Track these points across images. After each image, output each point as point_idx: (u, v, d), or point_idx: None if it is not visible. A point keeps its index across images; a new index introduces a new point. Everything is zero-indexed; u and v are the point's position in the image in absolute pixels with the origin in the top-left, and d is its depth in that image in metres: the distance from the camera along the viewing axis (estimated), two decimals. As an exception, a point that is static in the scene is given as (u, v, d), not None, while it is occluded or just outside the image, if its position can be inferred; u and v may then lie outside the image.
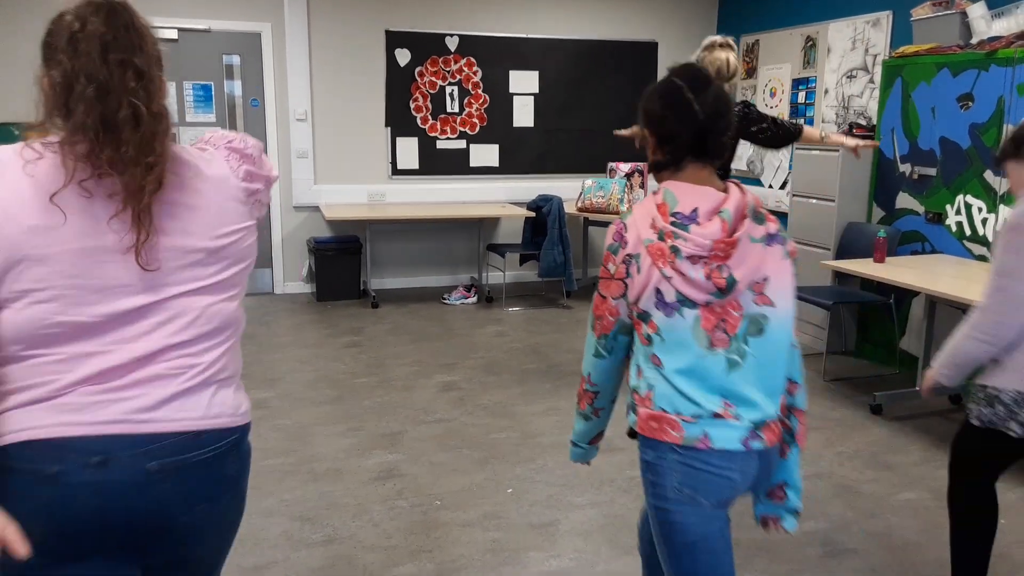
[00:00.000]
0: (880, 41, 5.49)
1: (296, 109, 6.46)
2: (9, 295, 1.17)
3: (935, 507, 3.13)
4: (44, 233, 1.17)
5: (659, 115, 1.65)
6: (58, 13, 1.24)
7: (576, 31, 7.05)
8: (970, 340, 2.16)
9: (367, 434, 3.76)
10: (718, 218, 1.53)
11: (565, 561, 2.71)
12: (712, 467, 1.56)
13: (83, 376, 1.19)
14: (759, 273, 1.59)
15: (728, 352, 1.57)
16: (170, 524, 1.26)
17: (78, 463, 1.17)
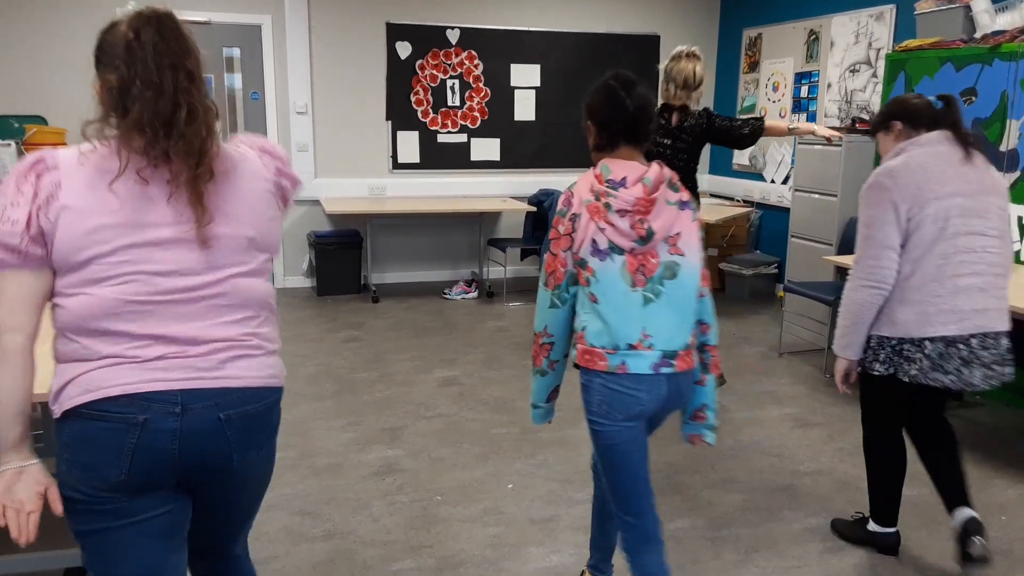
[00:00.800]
0: (883, 35, 5.47)
1: (296, 102, 6.44)
2: (89, 279, 1.39)
3: (935, 503, 3.12)
4: (111, 226, 1.38)
5: (598, 108, 2.02)
6: (110, 24, 1.42)
7: (578, 24, 7.03)
8: (857, 290, 2.43)
9: (367, 429, 3.76)
10: (641, 183, 1.95)
11: (565, 556, 2.71)
12: (624, 388, 1.95)
13: (160, 342, 1.42)
14: (673, 228, 1.98)
15: (645, 291, 1.94)
16: (227, 466, 1.50)
17: (162, 412, 1.41)
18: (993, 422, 3.99)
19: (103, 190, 1.38)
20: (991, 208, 2.41)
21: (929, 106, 2.51)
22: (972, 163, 2.43)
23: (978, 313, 2.38)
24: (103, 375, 1.40)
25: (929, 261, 2.37)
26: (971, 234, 2.38)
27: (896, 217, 2.37)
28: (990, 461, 3.52)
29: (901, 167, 2.40)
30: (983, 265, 2.38)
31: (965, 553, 2.52)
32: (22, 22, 5.80)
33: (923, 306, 2.38)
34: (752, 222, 6.85)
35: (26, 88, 5.87)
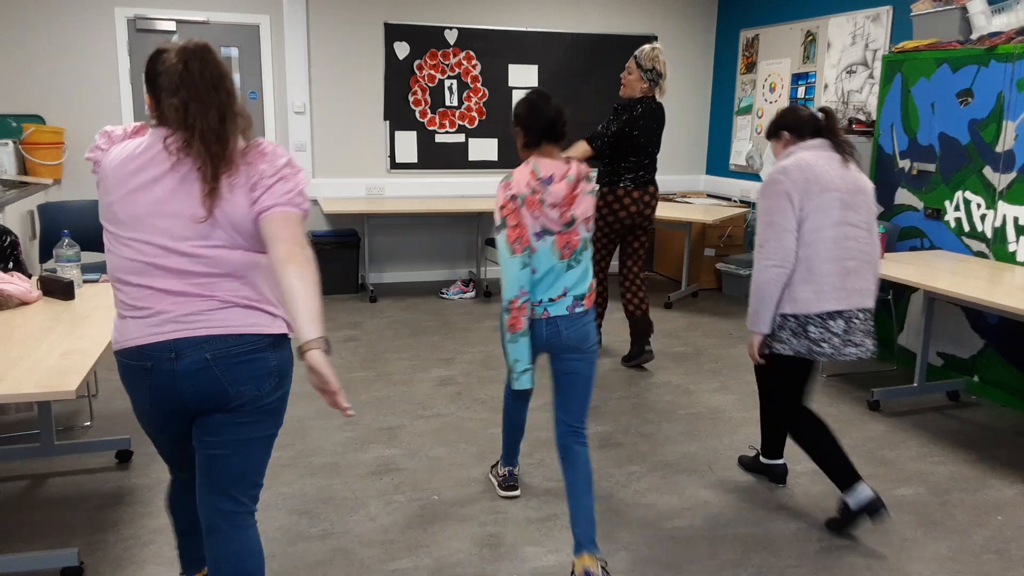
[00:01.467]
0: (880, 36, 5.48)
1: (294, 102, 6.44)
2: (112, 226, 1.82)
3: (932, 502, 3.13)
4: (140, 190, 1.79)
5: (524, 116, 2.60)
6: (157, 51, 1.83)
7: (575, 25, 7.03)
8: (763, 271, 2.80)
9: (365, 428, 3.76)
10: (565, 180, 2.48)
11: (563, 556, 2.71)
12: (546, 325, 2.56)
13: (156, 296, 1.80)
14: (588, 213, 2.55)
15: (569, 261, 2.55)
16: (226, 397, 1.85)
17: (161, 359, 1.82)
18: (989, 422, 4.01)
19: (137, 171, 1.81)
20: (862, 205, 2.82)
21: (813, 117, 2.91)
22: (847, 167, 2.83)
23: (859, 292, 2.78)
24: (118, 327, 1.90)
25: (819, 246, 2.74)
26: (849, 225, 2.77)
27: (791, 205, 2.74)
28: (986, 461, 3.53)
29: (792, 166, 2.78)
30: (857, 251, 2.79)
31: (851, 522, 2.86)
32: (20, 22, 5.79)
33: (818, 285, 2.74)
34: (749, 222, 6.86)
35: (24, 87, 5.86)
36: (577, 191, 2.50)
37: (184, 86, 1.75)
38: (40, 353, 2.38)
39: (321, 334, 1.73)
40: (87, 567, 2.58)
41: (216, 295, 1.82)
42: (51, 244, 4.75)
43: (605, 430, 3.79)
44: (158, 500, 3.03)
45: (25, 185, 5.38)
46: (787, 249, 2.75)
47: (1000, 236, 4.19)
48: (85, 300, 3.05)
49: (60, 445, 3.36)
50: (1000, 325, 4.21)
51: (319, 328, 1.73)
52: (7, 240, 3.62)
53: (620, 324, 5.66)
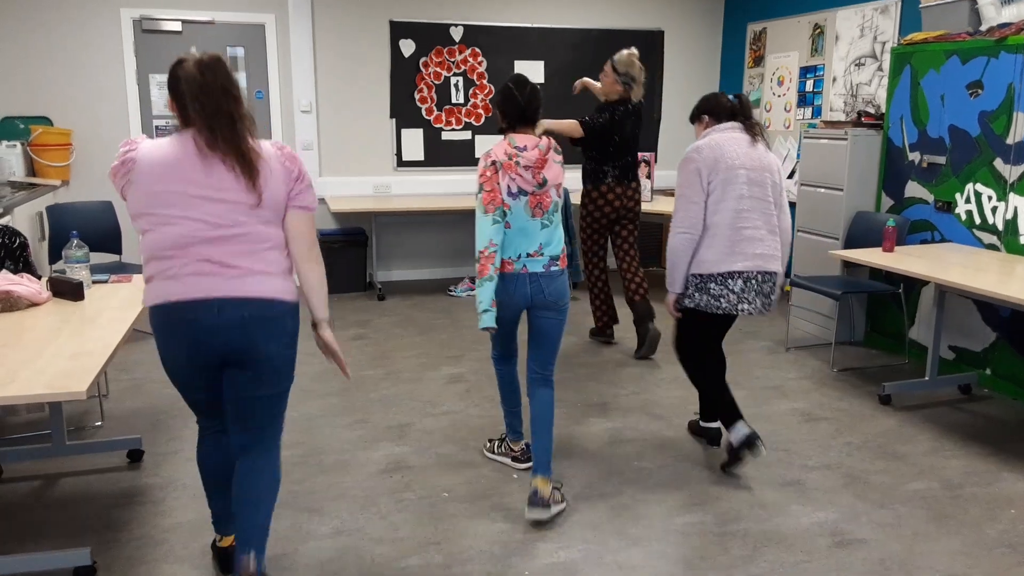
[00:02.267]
0: (889, 28, 5.45)
1: (301, 101, 6.44)
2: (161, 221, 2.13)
3: (944, 497, 3.12)
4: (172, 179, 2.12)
5: (503, 102, 2.99)
6: (179, 60, 2.16)
7: (582, 20, 7.01)
8: (674, 237, 3.17)
9: (374, 426, 3.76)
10: (537, 149, 2.90)
11: (573, 552, 2.71)
12: (530, 282, 2.94)
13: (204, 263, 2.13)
14: (558, 179, 2.97)
15: (542, 220, 2.93)
16: (254, 351, 2.20)
17: (206, 313, 2.13)
18: (1001, 415, 3.98)
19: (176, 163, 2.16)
20: (767, 181, 3.16)
21: (729, 102, 3.26)
22: (756, 146, 3.19)
23: (758, 256, 3.13)
24: (163, 284, 2.17)
25: (723, 216, 3.11)
26: (752, 198, 3.12)
27: (700, 180, 3.13)
28: (998, 454, 3.51)
29: (704, 145, 3.17)
30: (761, 222, 3.14)
31: (735, 459, 3.25)
32: (27, 24, 5.81)
33: (720, 249, 3.11)
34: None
35: (32, 89, 5.89)
36: (547, 157, 2.93)
37: (202, 93, 2.12)
38: (50, 354, 2.39)
39: (328, 316, 2.39)
40: (99, 566, 2.59)
41: (256, 266, 2.18)
42: (60, 245, 4.76)
43: (615, 426, 3.78)
44: (170, 499, 3.04)
45: (33, 187, 5.40)
46: (694, 218, 3.13)
47: (1011, 228, 4.16)
48: (95, 301, 3.06)
49: (71, 445, 3.37)
50: (1012, 318, 4.18)
51: (327, 311, 2.38)
52: (16, 241, 3.64)
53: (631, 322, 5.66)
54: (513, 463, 3.34)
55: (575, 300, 6.21)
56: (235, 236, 2.16)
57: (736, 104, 3.25)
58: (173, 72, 2.18)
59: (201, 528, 2.83)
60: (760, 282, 3.15)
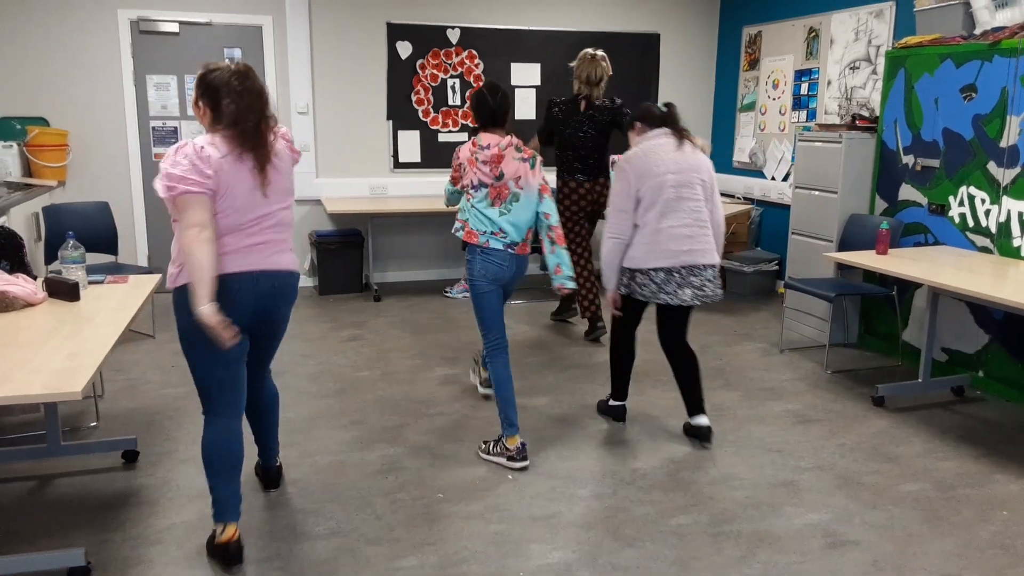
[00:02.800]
0: (883, 32, 5.47)
1: (298, 102, 6.45)
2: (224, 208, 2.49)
3: (937, 498, 3.13)
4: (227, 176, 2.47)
5: (475, 106, 3.44)
6: (211, 68, 2.50)
7: (578, 23, 7.03)
8: (607, 242, 3.49)
9: (369, 427, 3.77)
10: (497, 147, 3.33)
11: (568, 553, 2.72)
12: (491, 260, 3.34)
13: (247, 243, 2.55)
14: (516, 173, 3.34)
15: (500, 208, 3.33)
16: (276, 312, 2.71)
17: (248, 282, 2.56)
18: (995, 417, 4.00)
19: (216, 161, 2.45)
20: (695, 180, 3.45)
21: (658, 111, 3.56)
22: (683, 150, 3.47)
23: (685, 252, 3.40)
24: (224, 260, 2.53)
25: (651, 217, 3.41)
26: (680, 199, 3.41)
27: (629, 189, 3.42)
28: (991, 456, 3.52)
29: (634, 155, 3.48)
30: (690, 220, 3.42)
31: (602, 412, 3.93)
32: (24, 24, 5.81)
33: (648, 247, 3.41)
34: (752, 219, 6.85)
35: (28, 90, 5.89)
36: (504, 154, 3.33)
37: (237, 96, 2.47)
38: (46, 354, 2.39)
39: None
40: (94, 567, 2.59)
41: (280, 244, 2.66)
42: (56, 246, 4.76)
43: (609, 427, 3.80)
44: (164, 500, 3.05)
45: (30, 187, 5.40)
46: (623, 225, 3.45)
47: (1004, 231, 4.18)
48: (90, 301, 3.06)
49: (66, 446, 3.37)
50: (1005, 320, 4.20)
51: None
52: (12, 242, 3.64)
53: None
54: (508, 463, 3.37)
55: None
56: (271, 219, 2.60)
57: (666, 112, 3.56)
58: (204, 79, 2.50)
59: (196, 528, 2.84)
60: (685, 275, 3.42)
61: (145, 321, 5.37)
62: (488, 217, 3.33)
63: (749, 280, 6.49)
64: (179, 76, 6.21)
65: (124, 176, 6.21)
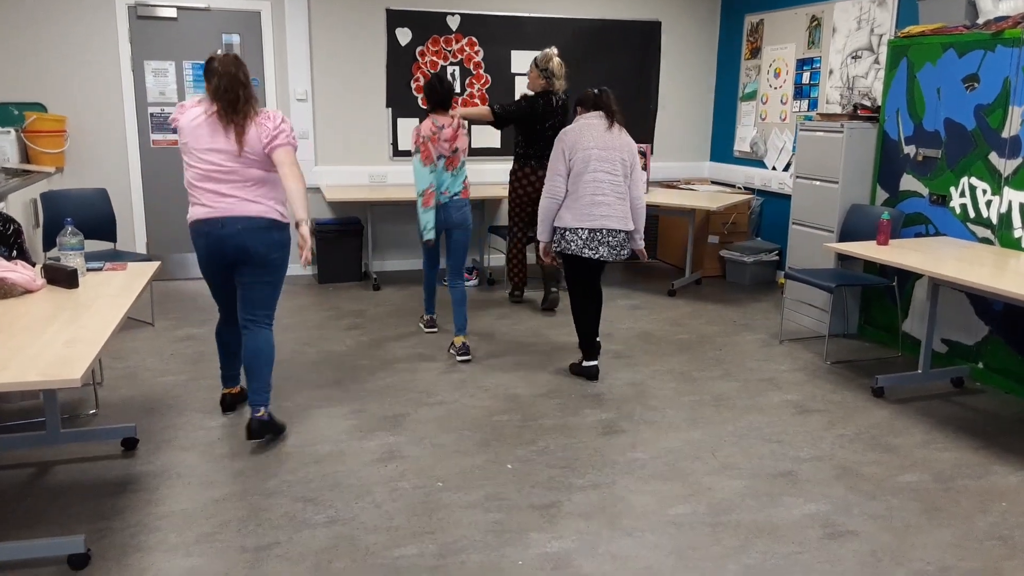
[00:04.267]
0: (886, 21, 5.44)
1: (296, 89, 6.42)
2: (186, 156, 3.26)
3: (936, 489, 3.14)
4: (199, 136, 3.19)
5: (428, 91, 4.49)
6: (211, 57, 3.27)
7: (579, 10, 6.99)
8: (543, 200, 4.15)
9: (369, 416, 3.77)
10: (450, 128, 4.38)
11: (567, 542, 2.72)
12: (444, 209, 4.46)
13: (215, 193, 3.22)
14: (464, 147, 4.47)
15: (450, 173, 4.45)
16: (250, 252, 3.26)
17: (214, 227, 3.22)
18: (993, 409, 4.00)
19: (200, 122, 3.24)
20: (617, 158, 4.07)
21: (593, 97, 4.17)
22: (611, 132, 4.10)
23: (604, 217, 4.04)
24: (193, 209, 3.29)
25: (578, 186, 4.05)
26: (602, 171, 4.03)
27: (563, 157, 4.07)
28: (990, 447, 3.53)
29: (570, 130, 4.14)
30: (609, 190, 4.06)
31: (575, 372, 4.37)
32: (22, 10, 5.77)
33: (575, 211, 4.06)
34: (753, 209, 6.84)
35: (26, 75, 5.85)
36: (457, 133, 4.46)
37: (219, 76, 3.19)
38: (45, 341, 2.38)
39: (307, 216, 3.21)
40: (93, 554, 2.59)
41: (245, 195, 3.25)
42: (54, 232, 4.75)
43: (609, 417, 3.80)
44: (164, 488, 3.05)
45: (27, 173, 5.37)
46: (557, 187, 4.09)
47: (1006, 222, 4.17)
48: (89, 288, 3.05)
49: (66, 433, 3.37)
50: (1005, 312, 4.20)
51: (306, 212, 3.21)
52: (10, 228, 3.62)
53: (626, 313, 5.67)
54: (426, 328, 5.07)
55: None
56: (235, 173, 3.24)
57: (598, 97, 4.17)
58: (207, 65, 3.28)
59: (195, 516, 2.84)
60: (604, 235, 4.06)
61: (144, 308, 5.36)
62: (443, 180, 4.48)
63: (749, 270, 6.49)
64: (177, 62, 6.17)
65: (122, 162, 6.18)
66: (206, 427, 3.61)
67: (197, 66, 6.21)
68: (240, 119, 3.17)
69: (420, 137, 4.35)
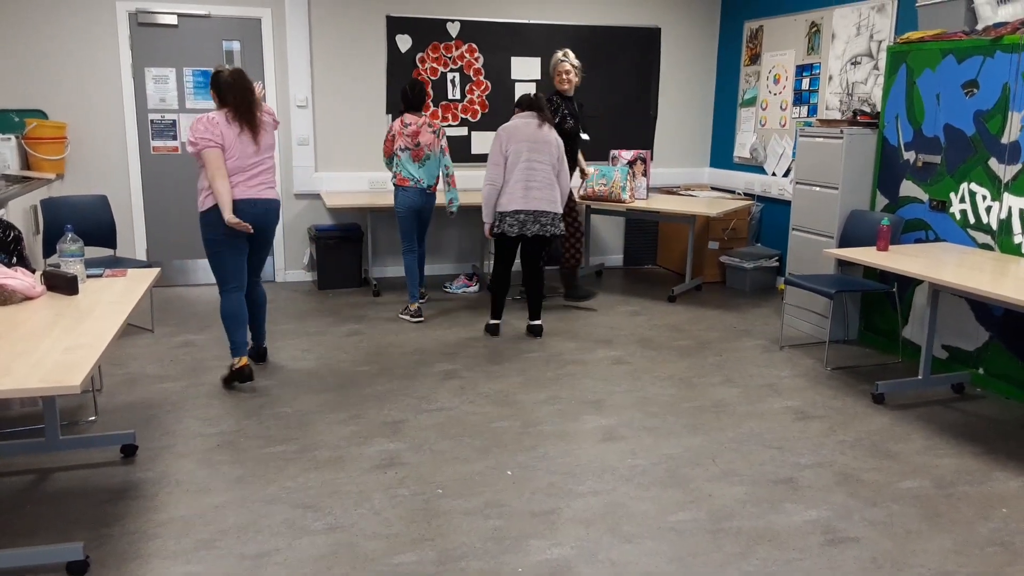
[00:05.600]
0: (885, 27, 5.45)
1: (297, 96, 6.43)
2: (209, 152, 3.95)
3: (937, 495, 3.13)
4: (229, 137, 3.97)
5: (401, 96, 5.42)
6: (218, 70, 4.04)
7: (578, 17, 7.01)
8: (485, 188, 4.95)
9: (368, 422, 3.77)
10: (415, 124, 5.32)
11: (566, 549, 2.72)
12: (409, 195, 5.37)
13: (246, 181, 4.04)
14: (428, 141, 5.33)
15: (418, 163, 5.34)
16: (268, 227, 4.20)
17: (249, 204, 4.05)
18: (994, 414, 4.00)
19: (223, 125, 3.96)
20: (544, 151, 4.87)
21: (528, 100, 5.02)
22: (540, 129, 4.90)
23: (533, 199, 4.85)
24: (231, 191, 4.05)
25: (512, 175, 4.86)
26: (532, 161, 4.85)
27: (501, 149, 4.88)
28: (991, 454, 3.52)
29: (508, 125, 4.94)
30: (539, 178, 4.87)
31: (488, 331, 5.22)
32: (22, 17, 5.79)
33: (510, 196, 4.86)
34: (753, 215, 6.84)
35: (26, 82, 5.86)
36: (420, 129, 5.28)
37: (234, 89, 3.98)
38: (44, 348, 2.38)
39: None
40: (92, 561, 2.59)
41: (267, 181, 4.13)
42: (54, 239, 4.75)
43: (609, 423, 3.79)
44: (163, 495, 3.04)
45: (28, 180, 5.38)
46: (495, 176, 4.90)
47: (1005, 228, 4.17)
48: (89, 295, 3.05)
49: (65, 440, 3.37)
50: (1005, 317, 4.19)
51: None
52: (10, 235, 3.63)
53: (626, 319, 5.67)
54: (412, 319, 5.48)
55: (554, 298, 6.22)
56: (258, 165, 4.07)
57: (533, 100, 5.00)
58: (214, 78, 4.02)
59: (194, 523, 2.83)
60: (535, 216, 4.86)
61: (144, 315, 5.35)
62: (410, 170, 5.31)
63: (749, 276, 6.49)
64: (178, 69, 6.19)
65: (123, 169, 6.19)
66: (205, 434, 3.61)
67: (198, 73, 6.22)
68: (256, 124, 4.02)
69: (389, 136, 5.33)
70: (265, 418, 3.79)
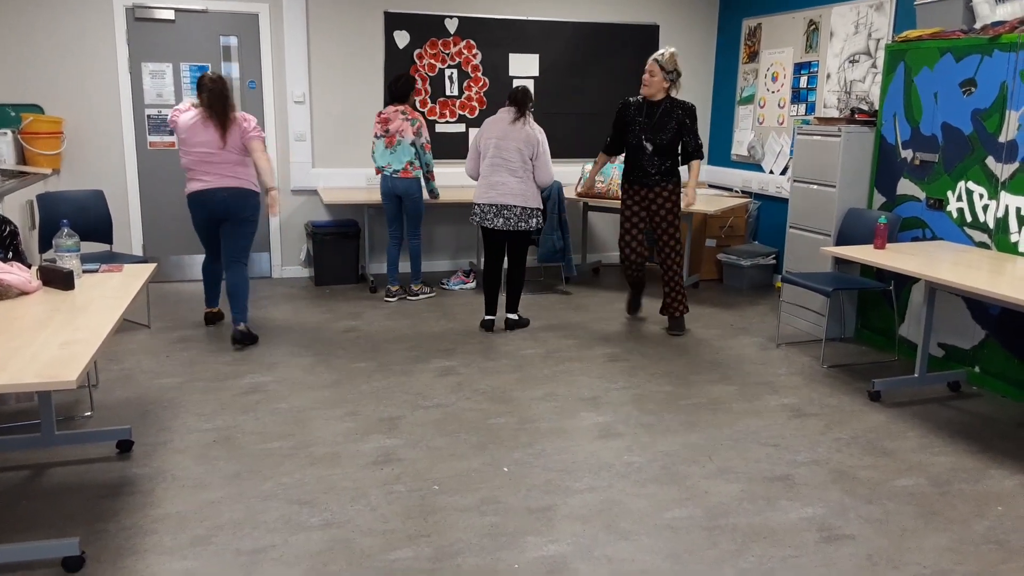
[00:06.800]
0: (883, 25, 5.45)
1: (294, 91, 6.42)
2: (183, 147, 4.65)
3: (933, 493, 3.14)
4: (194, 133, 4.60)
5: (387, 88, 5.86)
6: (204, 75, 4.61)
7: (577, 14, 7.00)
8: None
9: (365, 419, 3.76)
10: (388, 113, 5.64)
11: (563, 546, 2.72)
12: (383, 182, 5.71)
13: (206, 173, 4.63)
14: (400, 129, 5.58)
15: (390, 150, 5.63)
16: (231, 211, 4.67)
17: (206, 194, 4.65)
18: (990, 412, 4.00)
19: (193, 120, 4.63)
20: (513, 148, 4.89)
21: (513, 92, 4.99)
22: (515, 125, 4.91)
23: (500, 194, 4.93)
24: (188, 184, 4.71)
25: (484, 167, 4.98)
26: (500, 157, 4.91)
27: (478, 143, 5.03)
28: (986, 452, 3.53)
29: (487, 121, 5.04)
30: (506, 172, 4.92)
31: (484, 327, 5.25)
32: (19, 11, 5.77)
33: (481, 188, 5.00)
34: (750, 213, 6.84)
35: (23, 77, 5.85)
36: (390, 117, 5.58)
37: (210, 91, 4.53)
38: (40, 343, 2.38)
39: (275, 184, 4.80)
40: (88, 557, 2.58)
41: (228, 172, 4.59)
42: (50, 234, 4.74)
43: (605, 420, 3.79)
44: (159, 490, 3.04)
45: (24, 175, 5.36)
46: (470, 168, 5.09)
47: (1002, 226, 4.18)
48: (85, 290, 3.05)
49: (60, 435, 3.36)
50: (1001, 316, 4.20)
51: (274, 181, 4.71)
52: (7, 230, 3.61)
53: (623, 316, 5.66)
54: (387, 298, 5.92)
55: (567, 294, 6.22)
56: (219, 156, 4.57)
57: (514, 94, 5.00)
58: (199, 82, 4.58)
59: (190, 519, 2.83)
60: (499, 209, 4.94)
61: (140, 310, 5.34)
62: (382, 157, 5.62)
63: (746, 274, 6.49)
64: (175, 64, 6.17)
65: (119, 164, 6.17)
66: (201, 429, 3.60)
67: (194, 68, 6.21)
68: (226, 123, 4.53)
69: (377, 120, 5.70)
70: (261, 414, 3.78)
